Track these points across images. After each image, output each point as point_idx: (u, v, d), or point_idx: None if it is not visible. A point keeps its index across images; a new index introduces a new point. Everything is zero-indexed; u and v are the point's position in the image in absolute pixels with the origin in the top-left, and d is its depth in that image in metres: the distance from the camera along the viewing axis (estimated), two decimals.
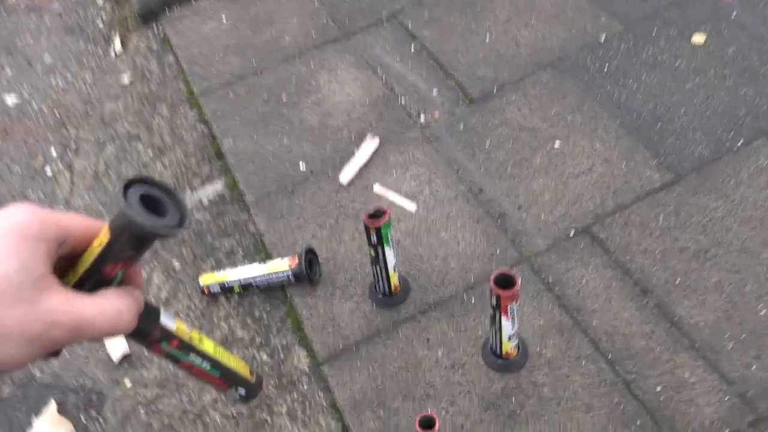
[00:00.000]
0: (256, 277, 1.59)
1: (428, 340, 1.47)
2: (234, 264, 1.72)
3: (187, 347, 0.53)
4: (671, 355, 1.38)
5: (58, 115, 2.29)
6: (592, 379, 1.36)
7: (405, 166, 1.83)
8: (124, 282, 0.44)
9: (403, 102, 2.00)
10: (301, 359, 1.52)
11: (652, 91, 1.89)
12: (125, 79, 2.30)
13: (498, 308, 1.23)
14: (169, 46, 2.36)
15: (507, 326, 1.28)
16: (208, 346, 0.55)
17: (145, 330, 0.48)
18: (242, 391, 0.60)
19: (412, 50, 2.15)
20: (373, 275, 1.49)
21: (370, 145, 1.87)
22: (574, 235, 1.61)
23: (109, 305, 0.40)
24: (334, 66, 2.14)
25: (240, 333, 1.59)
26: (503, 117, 1.90)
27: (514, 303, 1.22)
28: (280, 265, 1.58)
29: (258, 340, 1.57)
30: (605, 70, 1.98)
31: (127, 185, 0.40)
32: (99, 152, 2.09)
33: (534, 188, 1.72)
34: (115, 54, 2.42)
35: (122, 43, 2.44)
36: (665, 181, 1.68)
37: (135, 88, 2.26)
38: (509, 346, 1.34)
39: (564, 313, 1.47)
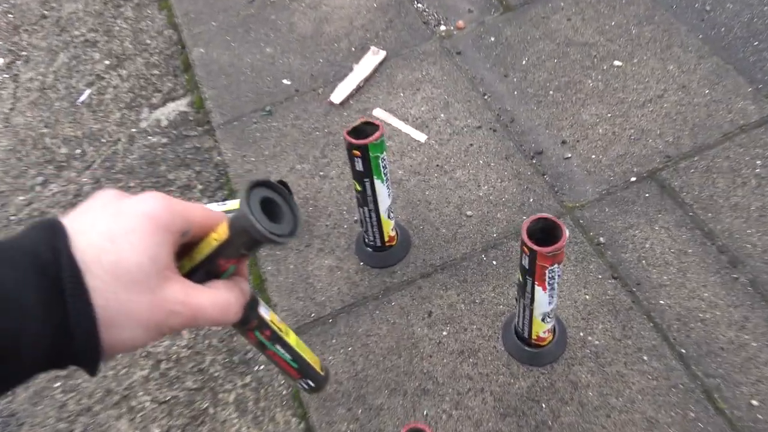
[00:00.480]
0: None
1: (430, 313, 1.08)
2: (189, 201, 1.34)
3: (276, 338, 0.57)
4: None
5: (11, 18, 1.90)
6: (658, 383, 0.97)
7: (416, 85, 1.41)
8: (232, 274, 0.45)
9: (419, 6, 1.57)
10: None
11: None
12: None
13: (531, 273, 0.83)
14: None
15: (542, 300, 0.88)
16: (292, 338, 0.60)
17: (247, 319, 0.53)
18: (311, 382, 0.66)
19: None
20: (361, 221, 1.10)
21: (373, 59, 1.46)
22: (636, 181, 1.19)
23: (221, 297, 0.42)
24: None
25: None
26: (547, 28, 1.46)
27: (555, 266, 0.81)
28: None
29: None
30: None
31: (252, 186, 0.41)
32: (50, 61, 1.71)
33: (584, 119, 1.29)
34: None
35: None
36: (765, 115, 1.24)
37: None
38: (543, 329, 0.95)
39: (619, 288, 1.07)
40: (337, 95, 1.41)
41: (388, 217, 1.08)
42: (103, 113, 1.54)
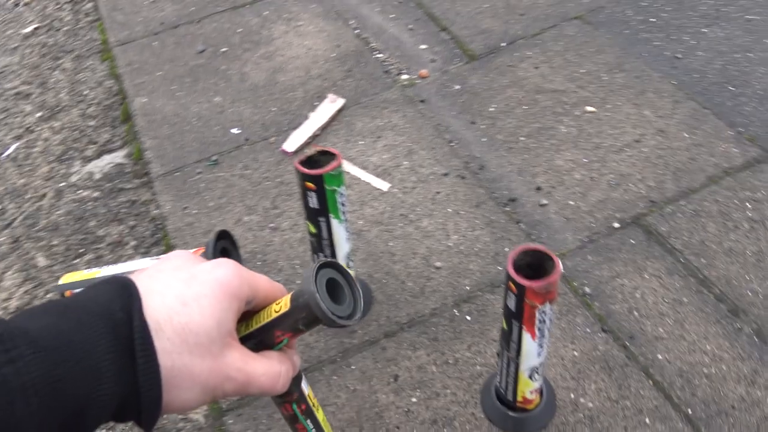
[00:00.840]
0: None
1: (396, 377, 0.93)
2: (120, 259, 1.18)
3: (309, 412, 0.57)
4: None
5: None
6: None
7: (377, 133, 1.30)
8: (285, 346, 0.46)
9: (380, 57, 1.49)
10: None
11: (719, 47, 1.39)
12: (29, 27, 1.79)
13: (519, 316, 0.69)
14: None
15: (531, 351, 0.74)
16: (321, 415, 0.59)
17: (291, 391, 0.53)
18: None
19: None
20: None
21: (330, 107, 1.36)
22: (619, 227, 1.08)
23: (274, 368, 0.43)
24: (295, 16, 1.64)
25: None
26: (514, 76, 1.39)
27: (547, 306, 0.68)
28: None
29: None
30: (652, 22, 1.48)
31: (321, 266, 0.43)
32: None
33: (559, 164, 1.20)
34: (24, 3, 1.91)
35: None
36: (750, 158, 1.17)
37: (38, 37, 1.75)
38: (530, 388, 0.80)
39: (611, 342, 0.94)
40: (291, 143, 1.29)
41: (348, 266, 0.94)
42: (30, 167, 1.39)
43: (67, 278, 1.09)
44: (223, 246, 1.05)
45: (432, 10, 1.61)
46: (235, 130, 1.35)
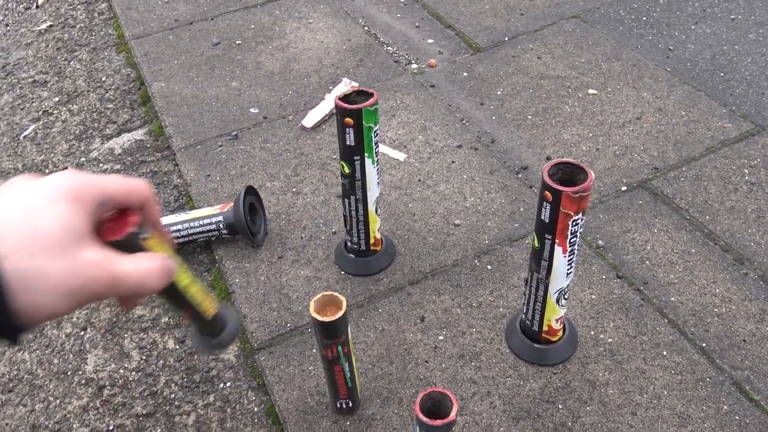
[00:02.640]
0: (170, 227, 1.08)
1: (423, 319, 0.96)
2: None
3: (350, 356, 0.64)
4: None
5: None
6: (683, 377, 0.86)
7: (391, 112, 1.37)
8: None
9: (389, 50, 1.57)
10: None
11: (707, 41, 1.49)
12: (42, 25, 1.84)
13: (552, 227, 0.74)
14: None
15: (561, 268, 0.78)
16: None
17: (339, 333, 0.62)
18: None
19: (402, 0, 1.74)
20: (345, 218, 0.99)
21: (345, 89, 1.41)
22: (627, 190, 1.15)
23: (142, 264, 0.42)
24: (305, 15, 1.71)
25: (138, 311, 1.06)
26: (518, 65, 1.47)
27: (580, 217, 0.73)
28: (208, 212, 1.08)
29: (164, 320, 1.04)
30: (644, 20, 1.58)
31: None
32: None
33: (566, 138, 1.27)
34: (38, 5, 1.96)
35: None
36: (743, 131, 1.25)
37: (52, 33, 1.79)
38: (556, 315, 0.84)
39: (626, 286, 0.99)
40: (309, 120, 1.34)
41: (376, 212, 0.98)
42: (49, 146, 1.43)
43: None
44: (251, 201, 1.10)
45: (436, 10, 1.69)
46: (253, 110, 1.40)
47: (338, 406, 0.83)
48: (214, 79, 1.50)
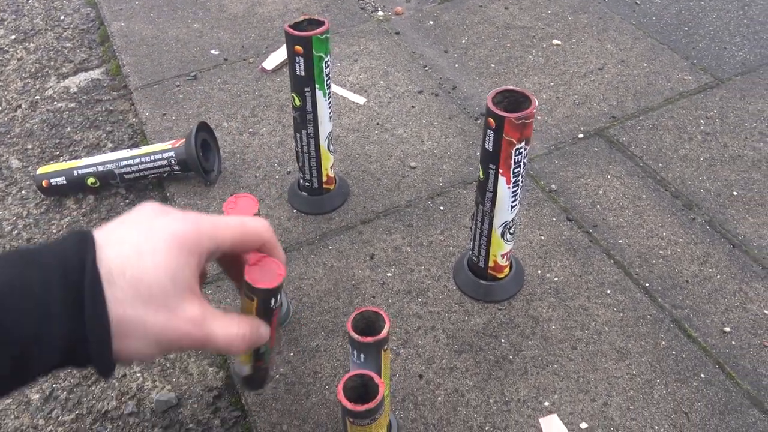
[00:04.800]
0: (120, 162, 1.06)
1: (372, 256, 0.96)
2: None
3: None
4: (739, 285, 0.91)
5: None
6: (624, 314, 0.87)
7: (353, 58, 1.35)
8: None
9: None
10: None
11: None
12: None
13: (495, 157, 0.74)
14: None
15: (505, 199, 0.78)
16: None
17: (258, 357, 0.57)
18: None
19: None
20: (296, 153, 0.98)
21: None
22: (583, 138, 1.15)
23: (231, 330, 0.43)
24: None
25: None
26: (485, 15, 1.46)
27: (523, 146, 0.73)
28: (160, 147, 1.06)
29: None
30: None
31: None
32: None
33: (527, 86, 1.26)
34: None
35: None
36: (702, 84, 1.25)
37: None
38: (502, 249, 0.85)
39: (575, 229, 0.99)
40: (270, 62, 1.32)
41: (328, 148, 0.97)
42: (3, 83, 1.39)
43: (44, 169, 1.10)
44: (204, 138, 1.08)
45: None
46: (214, 51, 1.38)
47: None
48: (175, 21, 1.47)
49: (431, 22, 1.45)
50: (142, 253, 0.39)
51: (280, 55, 1.34)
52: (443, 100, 1.23)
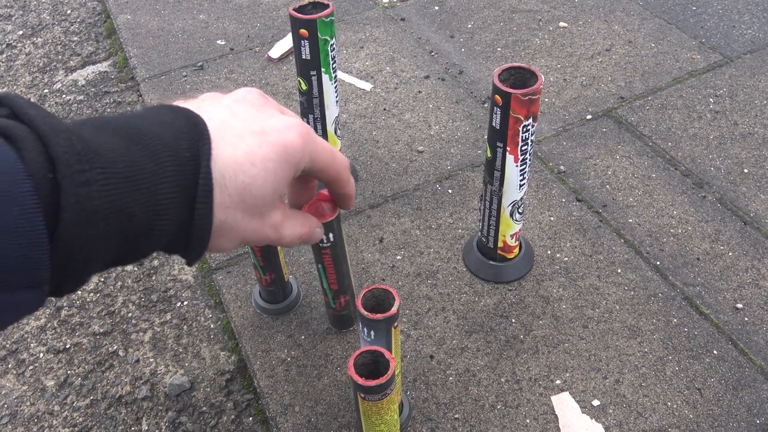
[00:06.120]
0: None
1: (381, 239, 0.96)
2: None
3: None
4: (751, 261, 0.90)
5: None
6: (635, 293, 0.87)
7: (359, 44, 1.35)
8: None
9: None
10: (183, 267, 0.99)
11: None
12: None
13: (503, 135, 0.74)
14: None
15: (513, 178, 0.78)
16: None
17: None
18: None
19: None
20: None
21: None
22: (592, 119, 1.14)
23: (296, 231, 0.46)
24: None
25: None
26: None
27: (530, 123, 0.72)
28: None
29: None
30: None
31: None
32: None
33: None
34: None
35: None
36: (711, 62, 1.24)
37: None
38: (511, 230, 0.85)
39: (585, 209, 0.99)
40: (276, 51, 1.32)
41: (335, 132, 0.97)
42: (12, 78, 1.40)
43: None
44: None
45: None
46: (220, 42, 1.38)
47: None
48: (181, 12, 1.47)
49: (436, 8, 1.44)
50: (254, 161, 0.38)
51: (285, 43, 1.34)
52: (450, 85, 1.23)
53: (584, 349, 0.81)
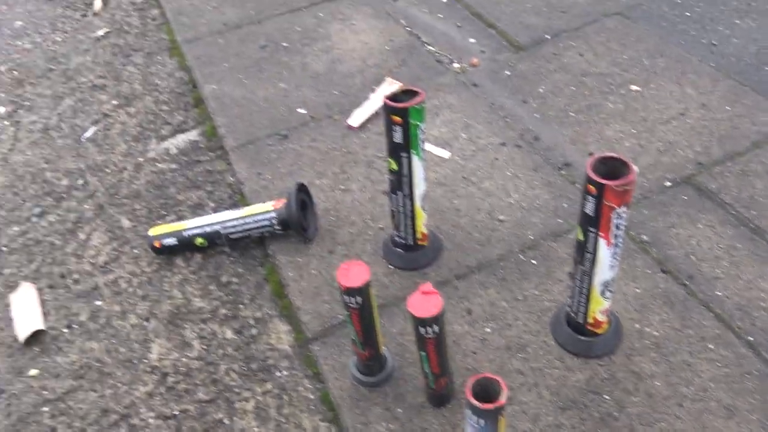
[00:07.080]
0: (226, 223, 1.13)
1: (470, 311, 0.99)
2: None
3: None
4: None
5: (16, 74, 1.89)
6: (730, 370, 0.88)
7: (434, 111, 1.40)
8: None
9: (431, 49, 1.59)
10: (281, 336, 1.04)
11: (752, 35, 1.49)
12: (99, 32, 1.92)
13: (596, 221, 0.77)
14: (155, 0, 1.99)
15: (605, 260, 0.80)
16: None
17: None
18: None
19: (444, 0, 1.77)
20: (392, 213, 1.03)
21: (389, 89, 1.45)
22: (671, 186, 1.16)
23: None
24: (348, 16, 1.75)
25: (198, 302, 1.11)
26: (560, 63, 1.49)
27: (623, 210, 0.75)
28: (262, 208, 1.13)
29: (222, 311, 1.09)
30: (687, 15, 1.58)
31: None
32: (54, 106, 1.68)
33: (608, 135, 1.28)
34: (94, 13, 2.05)
35: (103, 1, 2.08)
36: None
37: (109, 40, 1.87)
38: (601, 306, 0.87)
39: (671, 281, 1.00)
40: (355, 119, 1.38)
41: (422, 208, 1.02)
42: (109, 146, 1.50)
43: (155, 230, 1.18)
44: (302, 198, 1.14)
45: (478, 10, 1.72)
46: (300, 110, 1.45)
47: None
48: (262, 81, 1.56)
49: (507, 72, 1.49)
50: None
51: (364, 111, 1.40)
52: (526, 151, 1.26)
53: (681, 429, 0.82)
